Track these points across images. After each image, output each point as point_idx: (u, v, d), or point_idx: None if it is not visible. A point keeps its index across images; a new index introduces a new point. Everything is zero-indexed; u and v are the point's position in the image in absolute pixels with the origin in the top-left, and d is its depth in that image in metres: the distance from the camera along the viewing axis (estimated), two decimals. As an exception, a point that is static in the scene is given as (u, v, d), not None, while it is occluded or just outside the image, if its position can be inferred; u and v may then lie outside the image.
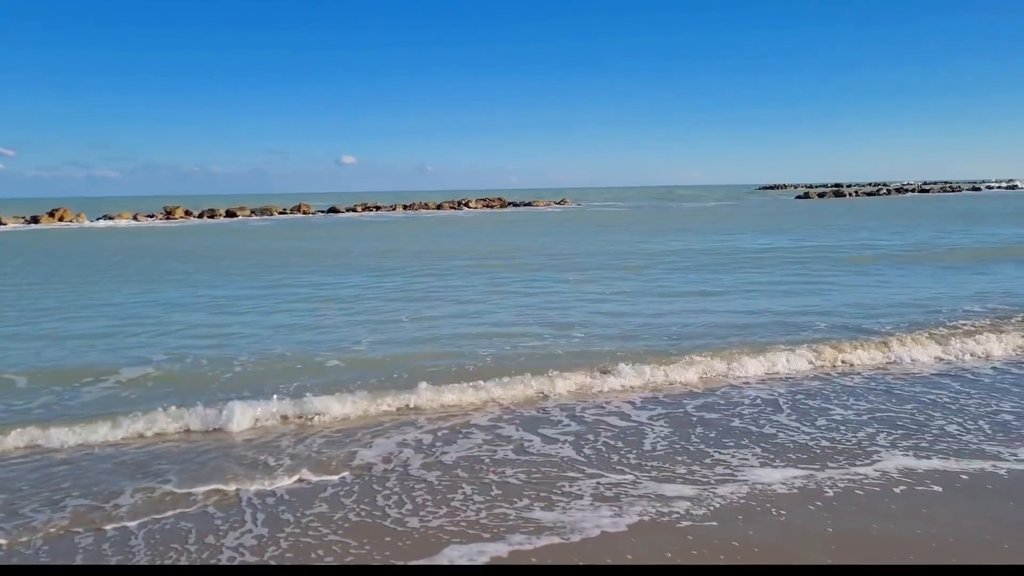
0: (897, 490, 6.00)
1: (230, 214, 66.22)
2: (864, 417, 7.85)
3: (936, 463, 6.51)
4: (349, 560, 5.03)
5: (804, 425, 7.60)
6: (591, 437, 7.36)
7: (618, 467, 6.55)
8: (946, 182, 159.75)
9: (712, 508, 5.70)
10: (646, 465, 6.59)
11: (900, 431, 7.38)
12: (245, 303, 15.77)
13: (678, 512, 5.63)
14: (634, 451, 6.95)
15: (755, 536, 5.25)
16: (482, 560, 5.00)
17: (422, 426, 7.75)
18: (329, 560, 5.04)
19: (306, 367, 10.10)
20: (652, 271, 20.40)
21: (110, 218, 60.83)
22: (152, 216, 63.33)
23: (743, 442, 7.13)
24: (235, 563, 5.04)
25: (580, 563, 4.93)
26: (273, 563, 5.01)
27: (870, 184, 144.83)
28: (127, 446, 7.34)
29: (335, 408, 8.16)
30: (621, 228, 42.34)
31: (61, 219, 57.67)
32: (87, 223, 57.30)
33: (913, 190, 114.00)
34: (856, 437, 7.23)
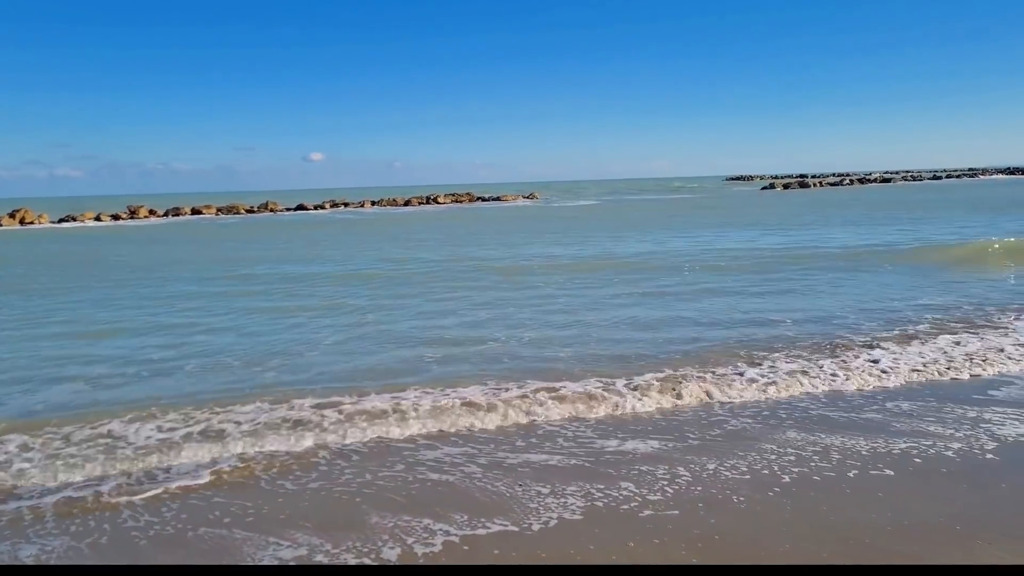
0: (851, 475, 6.25)
1: (196, 212, 65.62)
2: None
3: (887, 445, 6.75)
4: None
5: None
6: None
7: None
8: (907, 171, 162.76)
9: (673, 497, 5.89)
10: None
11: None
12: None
13: (636, 501, 5.82)
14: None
15: (717, 524, 5.43)
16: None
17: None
18: None
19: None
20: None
21: (73, 219, 59.89)
22: (116, 216, 62.48)
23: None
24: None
25: (541, 552, 5.08)
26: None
27: (834, 174, 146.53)
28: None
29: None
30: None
31: (23, 220, 56.68)
32: (49, 224, 56.42)
33: (875, 180, 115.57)
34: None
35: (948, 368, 9.22)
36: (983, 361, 9.46)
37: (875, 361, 9.52)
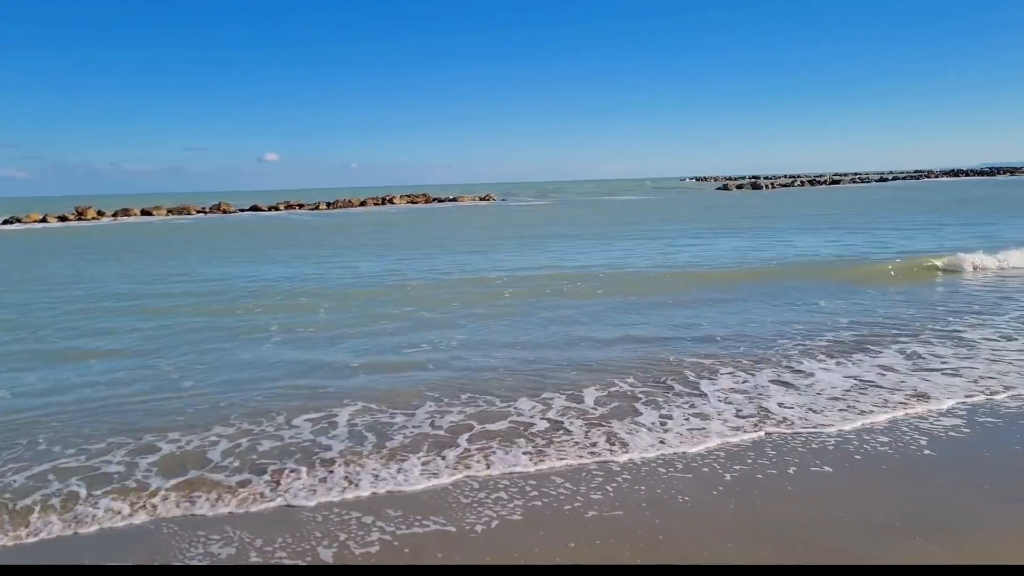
0: (791, 471, 6.34)
1: (145, 213, 64.35)
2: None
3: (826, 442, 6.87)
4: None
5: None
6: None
7: (531, 461, 6.72)
8: (856, 173, 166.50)
9: (616, 497, 5.93)
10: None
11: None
12: None
13: (580, 501, 5.84)
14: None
15: (661, 524, 5.46)
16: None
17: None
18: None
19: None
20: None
21: (18, 220, 58.35)
22: (64, 218, 60.99)
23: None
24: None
25: (478, 551, 5.06)
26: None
27: (785, 176, 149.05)
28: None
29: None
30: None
31: (-37, 222, 55.03)
32: (-8, 226, 54.86)
33: (825, 182, 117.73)
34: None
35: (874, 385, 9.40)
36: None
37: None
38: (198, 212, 67.57)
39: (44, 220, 58.87)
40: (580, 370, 9.64)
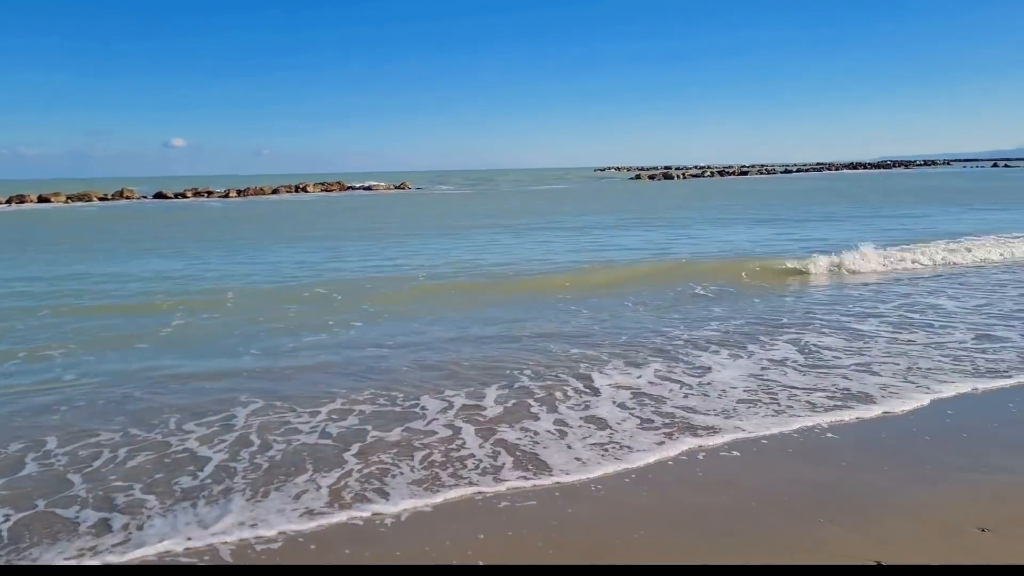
0: (701, 457, 6.43)
1: (43, 200, 61.28)
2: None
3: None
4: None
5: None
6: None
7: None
8: (762, 165, 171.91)
9: (530, 487, 5.88)
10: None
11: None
12: None
13: (489, 492, 5.78)
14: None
15: (575, 513, 5.42)
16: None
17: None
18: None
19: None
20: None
21: (-102, 206, 54.82)
22: (-51, 203, 57.59)
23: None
24: None
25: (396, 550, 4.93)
26: None
27: (695, 167, 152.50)
28: None
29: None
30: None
31: None
32: None
33: (734, 173, 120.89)
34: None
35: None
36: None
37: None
38: (100, 199, 64.76)
39: (-71, 206, 55.44)
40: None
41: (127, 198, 66.21)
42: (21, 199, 60.32)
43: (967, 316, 11.85)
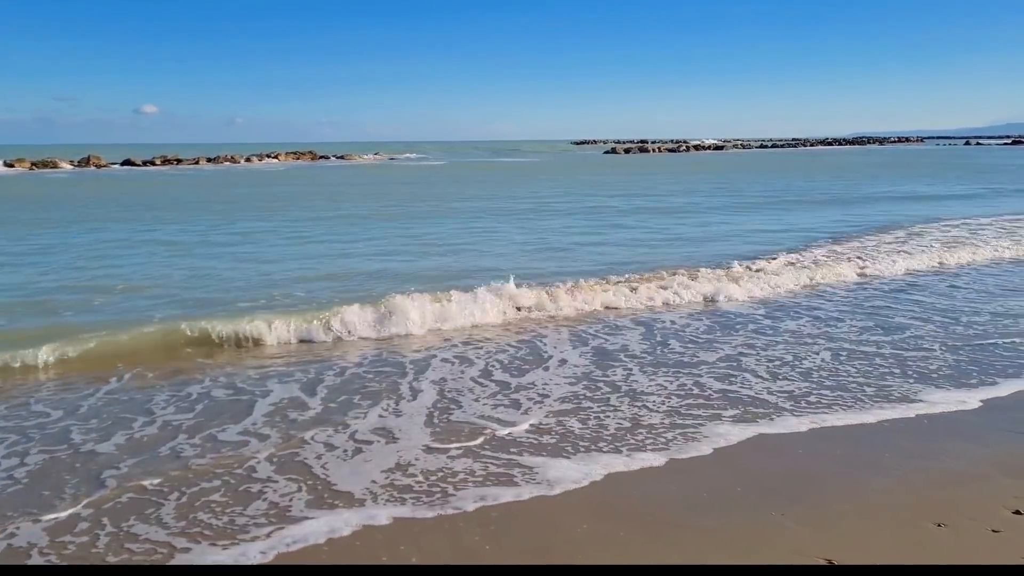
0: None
1: (8, 166, 60.06)
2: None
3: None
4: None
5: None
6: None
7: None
8: (738, 139, 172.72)
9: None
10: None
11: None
12: None
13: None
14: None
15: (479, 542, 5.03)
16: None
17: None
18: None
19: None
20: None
21: None
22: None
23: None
24: None
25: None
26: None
27: (672, 141, 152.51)
28: None
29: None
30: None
31: None
32: None
33: (709, 147, 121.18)
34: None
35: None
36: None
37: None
38: (67, 165, 63.50)
39: None
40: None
41: (96, 166, 64.98)
42: (-17, 165, 59.02)
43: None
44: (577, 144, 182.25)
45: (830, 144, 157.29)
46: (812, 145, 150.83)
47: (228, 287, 12.59)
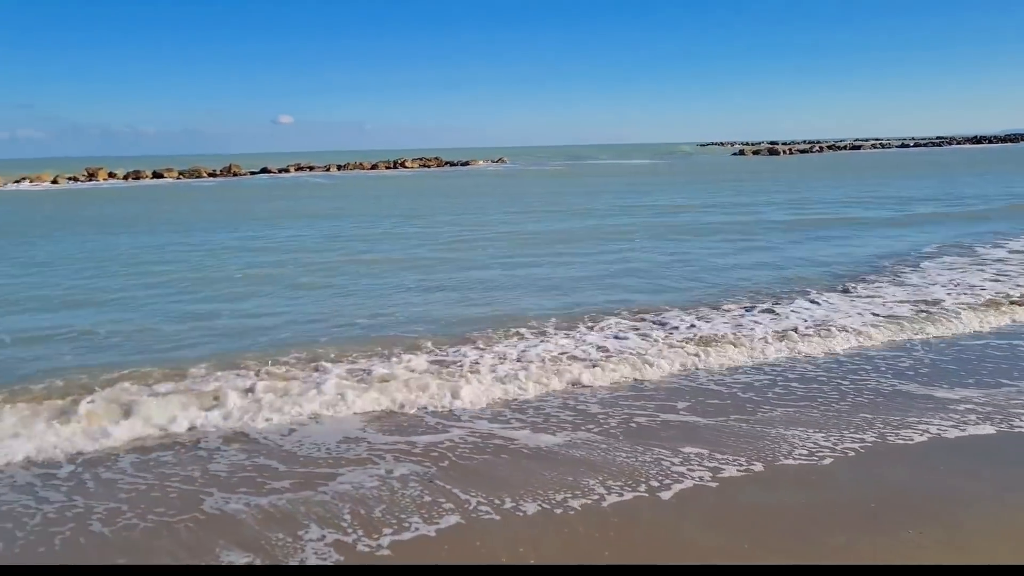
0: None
1: (157, 176, 64.12)
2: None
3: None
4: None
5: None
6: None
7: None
8: (876, 139, 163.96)
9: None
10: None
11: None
12: None
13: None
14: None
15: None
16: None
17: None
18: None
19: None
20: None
21: (29, 180, 58.29)
22: (75, 179, 60.92)
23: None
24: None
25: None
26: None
27: (804, 141, 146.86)
28: None
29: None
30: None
31: (-26, 183, 54.92)
32: (4, 187, 54.84)
33: (846, 147, 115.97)
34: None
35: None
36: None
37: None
38: (209, 175, 67.19)
39: (55, 181, 58.77)
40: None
41: (235, 174, 68.46)
42: (137, 175, 63.22)
43: None
44: (703, 146, 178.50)
45: (979, 142, 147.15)
46: (960, 143, 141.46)
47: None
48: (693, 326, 9.84)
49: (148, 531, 4.94)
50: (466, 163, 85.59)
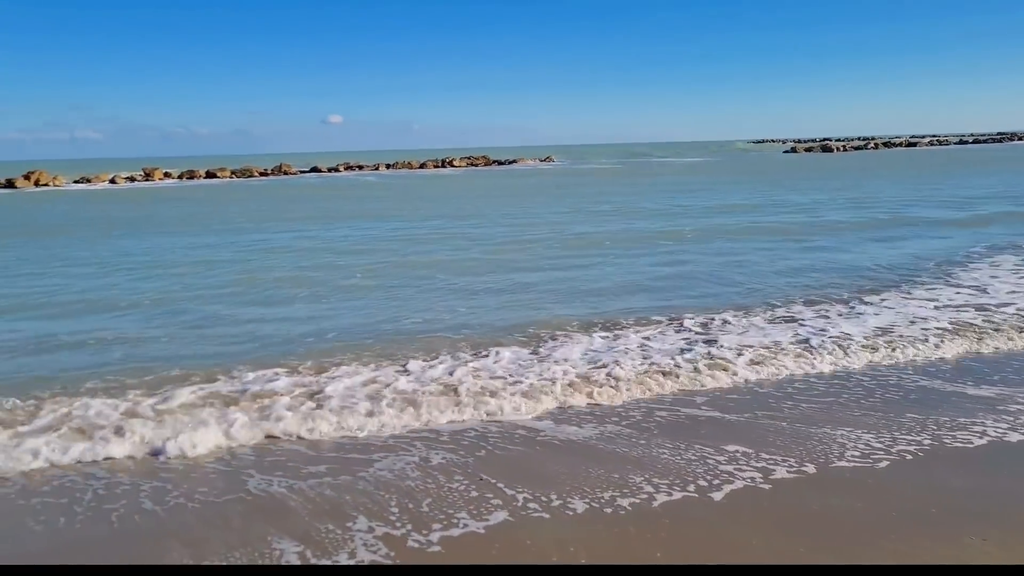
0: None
1: (210, 175, 65.36)
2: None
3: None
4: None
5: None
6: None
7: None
8: (934, 135, 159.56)
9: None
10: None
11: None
12: None
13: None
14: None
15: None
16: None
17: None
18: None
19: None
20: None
21: (88, 180, 59.94)
22: (132, 179, 62.44)
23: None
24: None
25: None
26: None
27: (858, 138, 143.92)
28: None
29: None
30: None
31: (37, 182, 56.65)
32: (64, 186, 56.48)
33: (901, 144, 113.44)
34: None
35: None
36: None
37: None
38: (260, 174, 68.29)
39: (113, 181, 60.32)
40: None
41: (285, 173, 69.49)
42: (191, 174, 64.55)
43: None
44: (756, 143, 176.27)
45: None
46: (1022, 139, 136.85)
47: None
48: (746, 331, 9.64)
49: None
50: (513, 161, 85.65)
